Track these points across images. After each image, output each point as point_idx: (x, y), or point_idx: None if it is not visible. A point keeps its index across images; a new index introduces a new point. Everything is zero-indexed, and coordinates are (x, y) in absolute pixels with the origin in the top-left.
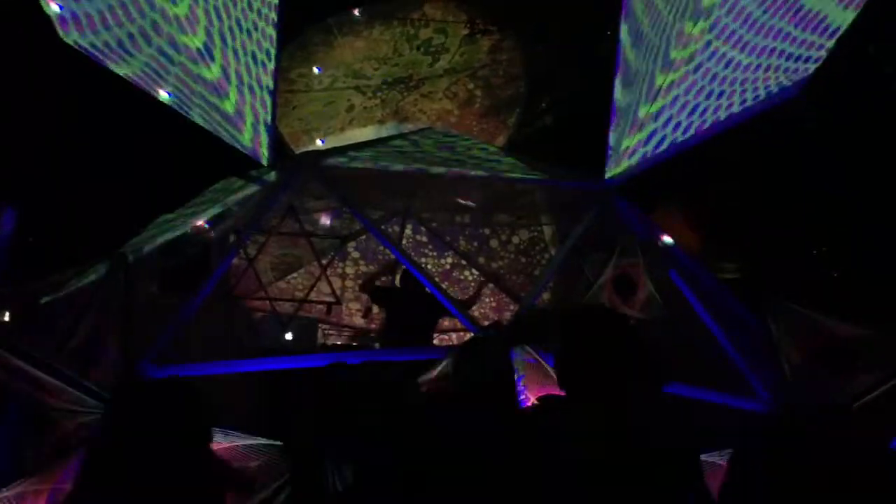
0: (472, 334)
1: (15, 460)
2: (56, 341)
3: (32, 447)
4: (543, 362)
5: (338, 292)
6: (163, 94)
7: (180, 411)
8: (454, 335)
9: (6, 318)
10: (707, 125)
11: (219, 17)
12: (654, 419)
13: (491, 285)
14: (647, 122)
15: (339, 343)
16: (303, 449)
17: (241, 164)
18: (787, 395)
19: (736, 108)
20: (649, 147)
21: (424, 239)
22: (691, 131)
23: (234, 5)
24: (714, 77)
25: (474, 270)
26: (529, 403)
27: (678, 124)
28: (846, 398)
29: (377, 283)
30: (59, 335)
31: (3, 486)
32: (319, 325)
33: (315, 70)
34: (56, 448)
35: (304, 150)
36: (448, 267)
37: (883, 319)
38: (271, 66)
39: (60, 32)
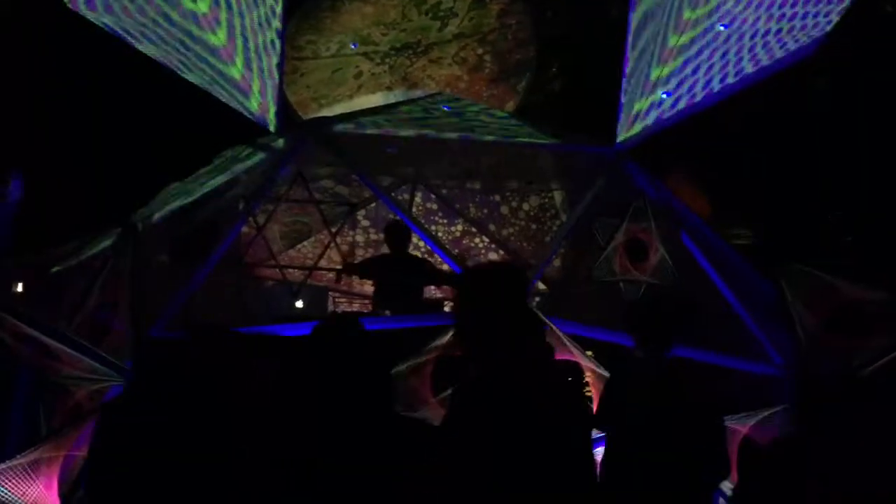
0: None
1: (29, 427)
2: (67, 310)
3: (46, 414)
4: (557, 329)
5: (348, 260)
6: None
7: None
8: None
9: (18, 287)
10: (720, 87)
11: None
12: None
13: (502, 252)
14: (658, 84)
15: (349, 311)
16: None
17: (249, 131)
18: (801, 359)
19: (749, 69)
20: (661, 110)
21: (434, 206)
22: (704, 93)
23: None
24: (727, 38)
25: (485, 237)
26: None
27: (690, 86)
28: (860, 362)
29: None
30: (70, 304)
31: (18, 453)
32: (329, 292)
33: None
34: (69, 415)
35: (312, 116)
36: (458, 234)
37: None
38: (278, 31)
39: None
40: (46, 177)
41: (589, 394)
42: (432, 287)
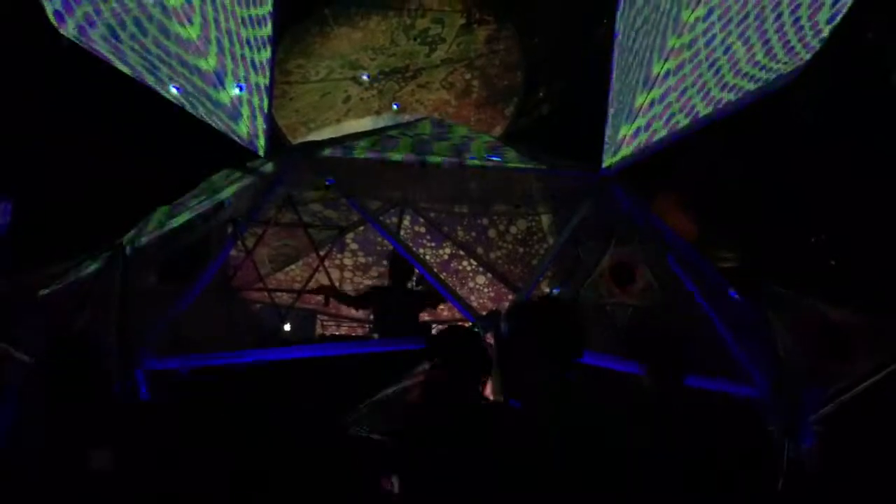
0: (470, 323)
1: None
2: (55, 333)
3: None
4: None
5: (336, 283)
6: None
7: None
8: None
9: (5, 309)
10: (705, 112)
11: (214, 8)
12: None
13: (489, 275)
14: (644, 110)
15: (337, 334)
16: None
17: (238, 155)
18: (783, 382)
19: (733, 96)
20: (646, 135)
21: (422, 230)
22: (688, 119)
23: None
24: (711, 64)
25: (472, 261)
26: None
27: (676, 112)
28: (842, 386)
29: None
30: (57, 326)
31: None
32: (318, 316)
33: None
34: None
35: (301, 140)
36: (446, 257)
37: (880, 307)
38: (267, 56)
39: (56, 24)
40: (35, 199)
41: None
42: (426, 316)
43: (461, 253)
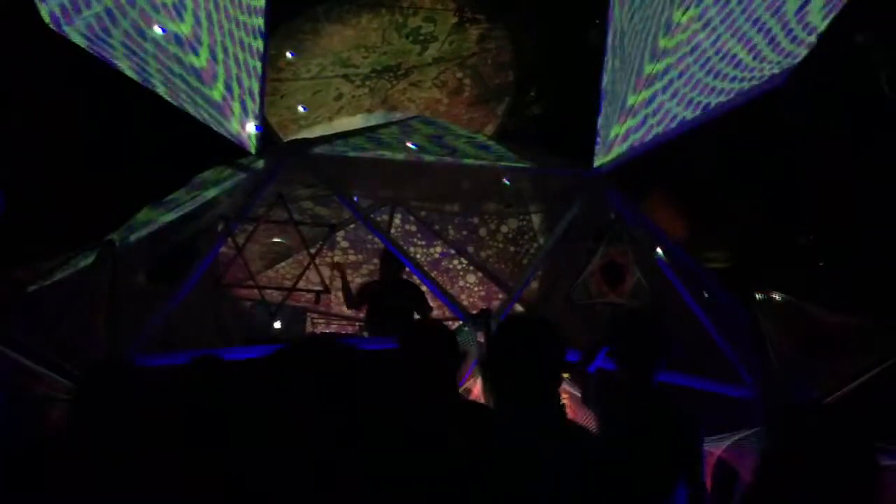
0: (461, 322)
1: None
2: (43, 329)
3: (19, 434)
4: None
5: (326, 281)
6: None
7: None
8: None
9: None
10: (695, 113)
11: (206, 4)
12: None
13: (480, 274)
14: (635, 110)
15: (327, 331)
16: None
17: (229, 152)
18: (773, 383)
19: (724, 97)
20: (638, 135)
21: (413, 228)
22: (680, 119)
23: None
24: (702, 66)
25: (463, 259)
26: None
27: (667, 112)
28: (829, 387)
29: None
30: (46, 323)
31: None
32: (308, 313)
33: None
34: (43, 435)
35: (292, 138)
36: (437, 256)
37: (868, 308)
38: (259, 53)
39: (46, 18)
40: (26, 194)
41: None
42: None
43: (452, 252)
